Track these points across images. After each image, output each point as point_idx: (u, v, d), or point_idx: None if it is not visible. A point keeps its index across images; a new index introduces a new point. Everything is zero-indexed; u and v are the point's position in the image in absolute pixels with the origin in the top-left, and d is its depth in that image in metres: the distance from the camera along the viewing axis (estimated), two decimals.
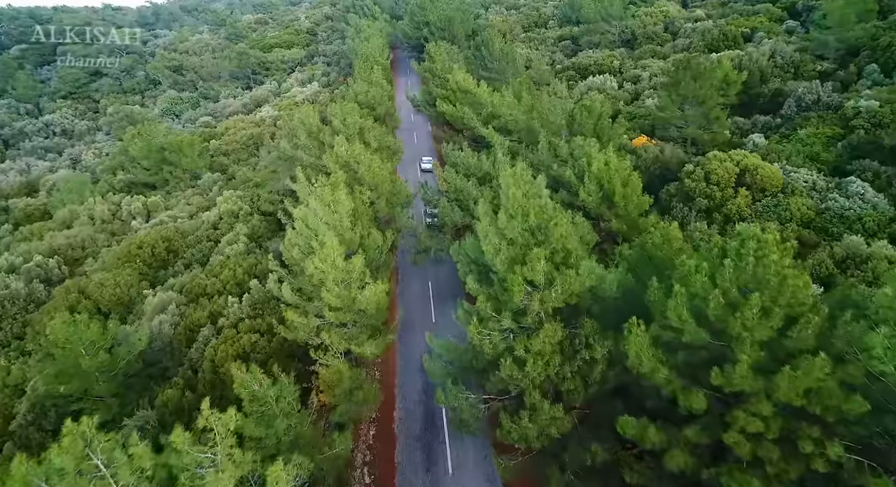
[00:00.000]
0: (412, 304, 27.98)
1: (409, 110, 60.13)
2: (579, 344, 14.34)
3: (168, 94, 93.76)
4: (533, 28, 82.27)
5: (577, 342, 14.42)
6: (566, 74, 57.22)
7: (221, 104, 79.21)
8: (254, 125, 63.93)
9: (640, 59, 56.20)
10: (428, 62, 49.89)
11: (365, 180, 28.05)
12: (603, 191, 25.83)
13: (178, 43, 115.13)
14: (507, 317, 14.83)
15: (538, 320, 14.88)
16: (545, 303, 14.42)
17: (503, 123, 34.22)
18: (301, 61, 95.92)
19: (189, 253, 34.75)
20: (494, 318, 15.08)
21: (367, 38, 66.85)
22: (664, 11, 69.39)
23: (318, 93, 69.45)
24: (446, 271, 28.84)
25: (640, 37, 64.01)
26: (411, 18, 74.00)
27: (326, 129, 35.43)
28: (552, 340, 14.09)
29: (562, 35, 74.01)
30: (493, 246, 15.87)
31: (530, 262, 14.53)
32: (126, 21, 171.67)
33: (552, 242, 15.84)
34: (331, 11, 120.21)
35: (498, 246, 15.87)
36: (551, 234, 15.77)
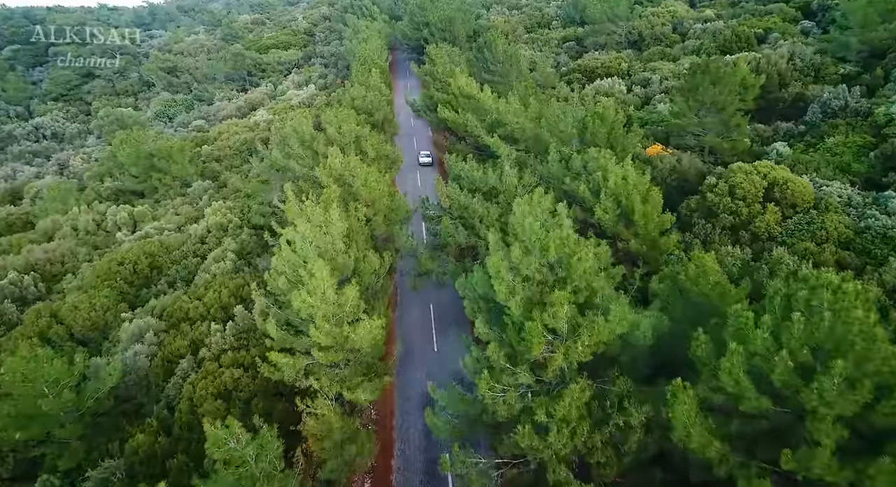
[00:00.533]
0: (412, 330, 25.74)
1: (409, 114, 57.91)
2: (610, 407, 12.10)
3: (162, 97, 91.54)
4: (536, 29, 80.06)
5: (608, 403, 12.18)
6: (572, 77, 54.98)
7: (215, 107, 76.96)
8: (247, 130, 61.67)
9: (650, 62, 53.97)
10: (428, 65, 47.67)
11: (361, 195, 25.82)
12: (620, 208, 23.60)
13: (172, 44, 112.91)
14: (524, 371, 12.60)
15: (560, 375, 12.62)
16: (570, 357, 12.18)
17: (509, 131, 31.98)
18: (298, 63, 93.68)
19: (174, 270, 32.49)
20: (509, 371, 12.84)
21: (364, 39, 64.63)
22: (672, 11, 67.19)
23: (314, 95, 67.20)
24: (449, 293, 26.56)
25: (648, 38, 61.80)
26: (411, 19, 71.76)
27: (320, 137, 33.19)
28: (579, 402, 11.86)
29: (566, 36, 71.79)
30: (507, 286, 13.63)
31: (551, 307, 12.30)
32: (122, 21, 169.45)
33: (575, 279, 13.61)
34: (329, 12, 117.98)
35: (512, 286, 13.63)
36: (574, 270, 13.53)
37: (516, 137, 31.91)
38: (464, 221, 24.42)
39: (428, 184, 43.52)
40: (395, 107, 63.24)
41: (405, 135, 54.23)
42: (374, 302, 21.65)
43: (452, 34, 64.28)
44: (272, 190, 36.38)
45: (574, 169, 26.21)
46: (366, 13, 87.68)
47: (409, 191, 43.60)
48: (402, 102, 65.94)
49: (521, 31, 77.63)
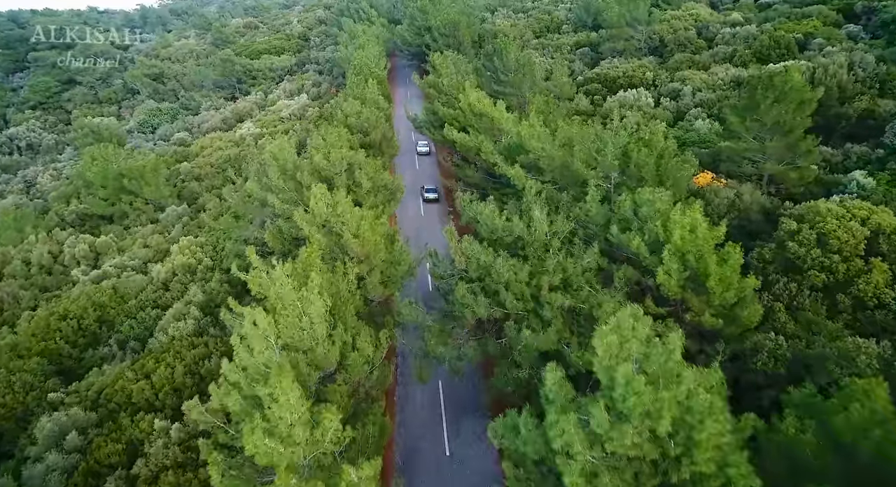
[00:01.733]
0: (414, 424, 20.14)
1: (410, 127, 52.48)
2: None
3: (146, 105, 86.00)
4: (545, 33, 74.66)
5: None
6: (591, 87, 49.53)
7: (200, 118, 71.44)
8: (232, 144, 56.18)
9: (677, 70, 48.55)
10: (432, 76, 42.17)
11: (352, 247, 20.27)
12: (688, 269, 18.08)
13: (160, 49, 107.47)
14: None
15: None
16: None
17: (532, 160, 26.45)
18: (291, 69, 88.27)
19: (127, 326, 26.88)
20: None
21: (361, 45, 59.17)
22: (694, 14, 61.88)
23: (306, 106, 61.72)
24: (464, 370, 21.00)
25: (671, 43, 56.42)
26: (411, 23, 66.37)
27: (305, 166, 27.65)
28: None
29: (578, 41, 66.41)
30: (581, 470, 8.06)
31: None
32: (112, 25, 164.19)
33: (697, 462, 8.05)
34: (325, 15, 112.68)
35: (591, 469, 8.06)
36: (698, 448, 7.98)
37: (541, 166, 26.39)
38: (484, 286, 18.85)
39: (433, 218, 38.06)
40: (395, 117, 57.85)
41: (406, 151, 48.76)
42: (367, 406, 16.06)
43: (457, 40, 58.89)
44: (249, 226, 30.85)
45: (622, 213, 20.68)
46: (363, 17, 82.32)
47: (412, 215, 38.39)
48: (402, 113, 60.51)
49: (529, 36, 72.26)
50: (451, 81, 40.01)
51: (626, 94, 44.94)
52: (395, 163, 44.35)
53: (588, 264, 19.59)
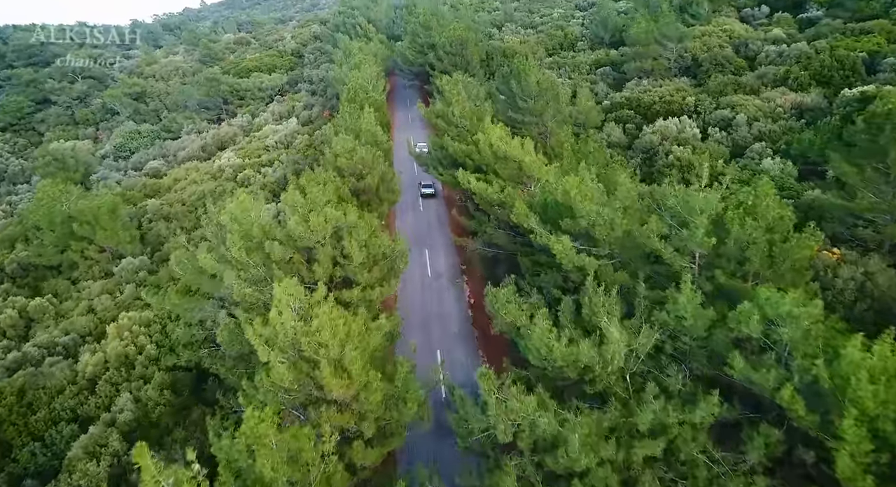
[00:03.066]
0: None
1: (412, 159, 45.76)
2: None
3: (125, 127, 79.33)
4: (558, 51, 68.42)
5: None
6: (621, 114, 42.84)
7: (179, 143, 64.60)
8: (209, 177, 49.28)
9: (721, 94, 41.88)
10: (439, 103, 35.29)
11: (331, 390, 13.10)
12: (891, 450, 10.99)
13: (144, 66, 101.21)
14: None
15: None
16: None
17: (584, 227, 19.41)
18: (282, 88, 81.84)
19: (27, 452, 19.58)
20: None
21: (357, 64, 52.63)
22: (728, 30, 55.57)
23: (295, 133, 54.96)
24: None
25: (706, 63, 49.94)
26: (413, 40, 59.95)
27: (277, 233, 20.65)
28: None
29: (598, 60, 60.03)
30: None
31: None
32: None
33: None
34: (320, 30, 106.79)
35: None
36: None
37: (595, 236, 19.35)
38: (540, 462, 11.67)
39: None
40: (394, 143, 51.10)
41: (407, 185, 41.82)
42: None
43: (464, 59, 52.38)
44: (207, 303, 23.70)
45: (741, 326, 13.60)
46: (359, 33, 76.06)
47: (419, 271, 31.22)
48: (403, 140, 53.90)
49: (541, 54, 65.97)
50: (462, 110, 33.18)
51: (666, 124, 38.19)
52: (393, 209, 37.40)
53: (702, 419, 12.50)
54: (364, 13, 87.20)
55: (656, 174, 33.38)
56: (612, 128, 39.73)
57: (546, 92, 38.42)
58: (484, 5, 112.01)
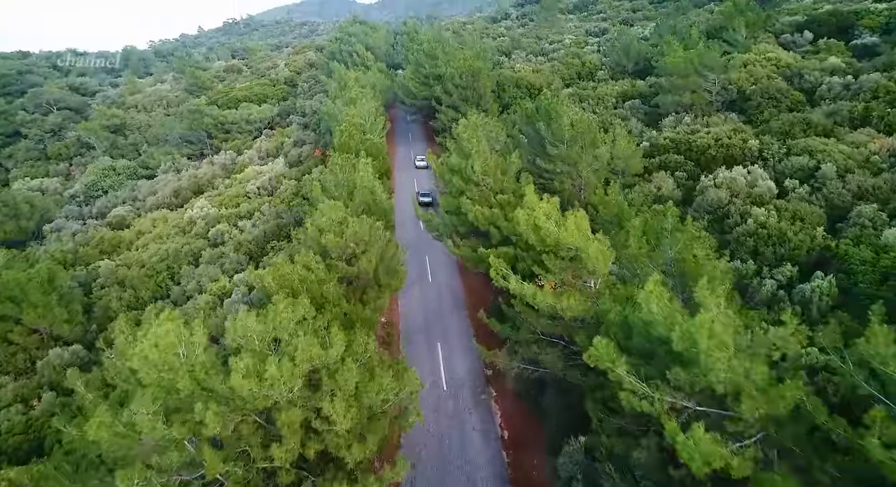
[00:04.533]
0: None
1: (414, 209, 38.63)
2: None
3: (99, 163, 72.11)
4: (576, 80, 61.93)
5: None
6: (667, 159, 35.74)
7: (152, 185, 57.34)
8: (178, 231, 41.84)
9: (789, 137, 34.85)
10: (455, 156, 27.78)
11: None
12: None
13: (127, 95, 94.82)
14: None
15: None
16: None
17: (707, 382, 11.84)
18: (272, 120, 75.09)
19: None
20: None
21: (353, 99, 45.78)
22: (774, 59, 49.01)
23: (280, 176, 47.77)
24: None
25: (756, 96, 43.13)
26: (416, 71, 53.30)
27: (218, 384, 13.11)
28: None
29: (624, 92, 53.36)
30: None
31: None
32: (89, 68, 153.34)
33: None
34: (316, 58, 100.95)
35: None
36: None
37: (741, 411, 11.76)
38: None
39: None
40: (395, 183, 44.16)
41: (412, 249, 34.50)
42: None
43: (476, 92, 45.54)
44: None
45: None
46: (356, 61, 69.63)
47: (429, 378, 22.59)
48: (404, 181, 46.97)
49: (558, 85, 59.41)
50: (486, 166, 25.87)
51: (731, 175, 30.97)
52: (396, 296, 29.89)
53: None
54: (362, 40, 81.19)
55: (733, 245, 26.00)
56: (662, 179, 32.52)
57: (582, 135, 31.41)
58: (488, 31, 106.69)
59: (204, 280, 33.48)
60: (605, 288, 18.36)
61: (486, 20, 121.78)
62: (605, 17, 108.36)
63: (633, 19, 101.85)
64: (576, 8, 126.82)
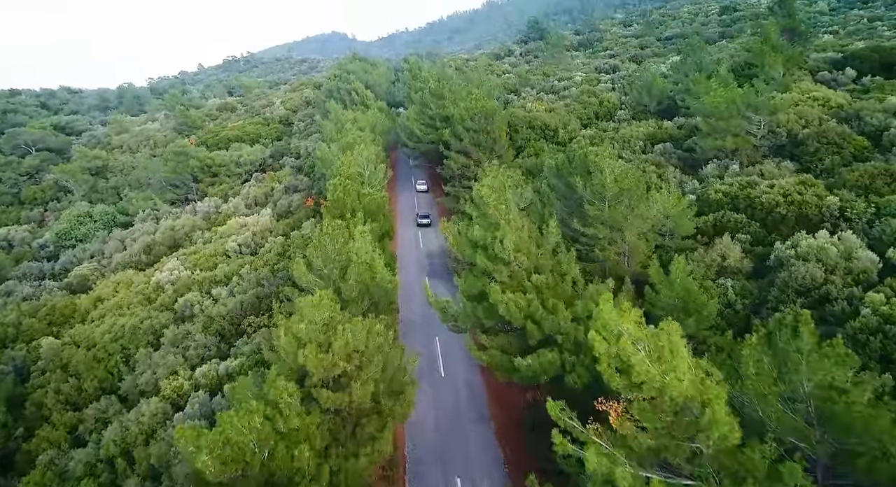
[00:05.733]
0: None
1: (418, 279, 32.68)
2: None
3: (76, 208, 66.19)
4: (594, 121, 56.87)
5: None
6: (724, 220, 29.78)
7: (126, 235, 51.27)
8: (141, 299, 35.47)
9: (871, 191, 29.03)
10: (476, 225, 21.49)
11: None
12: None
13: (113, 134, 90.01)
14: None
15: None
16: None
17: None
18: (264, 163, 69.75)
19: None
20: None
21: (349, 144, 40.24)
22: (822, 98, 43.87)
23: (265, 231, 41.78)
24: None
25: (811, 141, 37.62)
26: (421, 112, 48.08)
27: None
28: None
29: (652, 134, 48.06)
30: None
31: None
32: (84, 105, 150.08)
33: None
34: (313, 95, 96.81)
35: None
36: None
37: None
38: None
39: None
40: (397, 241, 38.46)
41: (416, 330, 28.21)
42: None
43: (490, 136, 40.02)
44: None
45: None
46: (355, 100, 64.77)
47: None
48: (406, 237, 41.16)
49: (575, 125, 54.25)
50: (520, 243, 19.75)
51: (815, 242, 24.92)
52: None
53: None
54: (361, 77, 76.77)
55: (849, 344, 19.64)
56: (727, 246, 26.41)
57: (629, 193, 25.58)
58: (492, 68, 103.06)
59: (161, 370, 26.93)
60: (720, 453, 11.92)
61: (490, 57, 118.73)
62: (612, 54, 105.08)
63: (642, 56, 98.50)
64: (581, 45, 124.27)
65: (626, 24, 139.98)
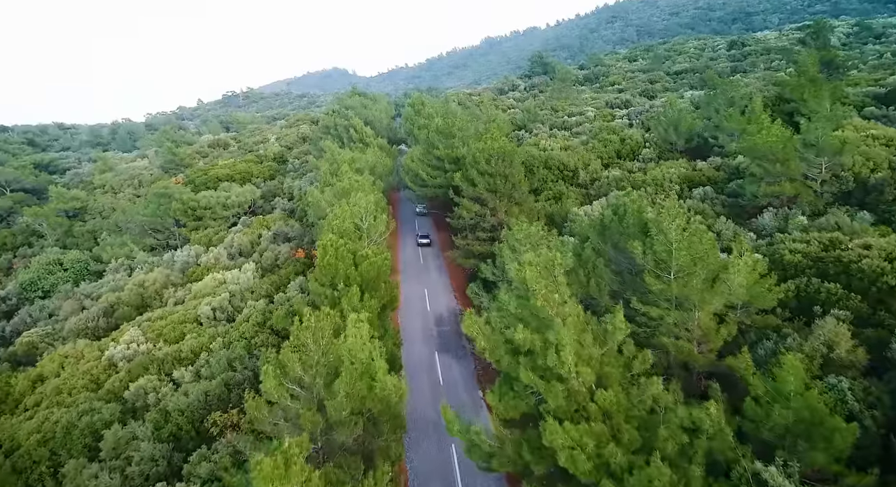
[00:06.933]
0: None
1: (424, 334, 26.61)
2: None
3: (47, 255, 60.11)
4: (615, 160, 51.64)
5: None
6: (809, 288, 23.78)
7: (92, 290, 45.14)
8: (88, 381, 29.01)
9: None
10: (521, 331, 15.24)
11: None
12: None
13: (97, 173, 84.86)
14: None
15: None
16: None
17: None
18: (254, 204, 64.22)
19: None
20: None
21: (345, 190, 34.62)
22: (883, 137, 38.57)
23: (246, 292, 35.66)
24: None
25: (888, 188, 32.04)
26: (427, 152, 42.70)
27: None
28: None
29: (688, 177, 42.63)
30: None
31: None
32: (75, 142, 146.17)
33: None
34: (309, 131, 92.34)
35: None
36: None
37: None
38: None
39: None
40: (400, 301, 32.35)
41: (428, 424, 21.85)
42: None
43: (508, 181, 34.37)
44: None
45: None
46: (353, 137, 59.70)
47: None
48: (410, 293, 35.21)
49: (596, 166, 48.95)
50: (586, 346, 13.63)
51: None
52: None
53: None
54: (360, 113, 72.14)
55: None
56: (836, 331, 20.25)
57: (703, 262, 19.75)
58: (496, 102, 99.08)
59: None
60: None
61: (493, 91, 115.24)
62: (621, 89, 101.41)
63: (653, 91, 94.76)
64: (586, 79, 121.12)
65: (631, 59, 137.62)
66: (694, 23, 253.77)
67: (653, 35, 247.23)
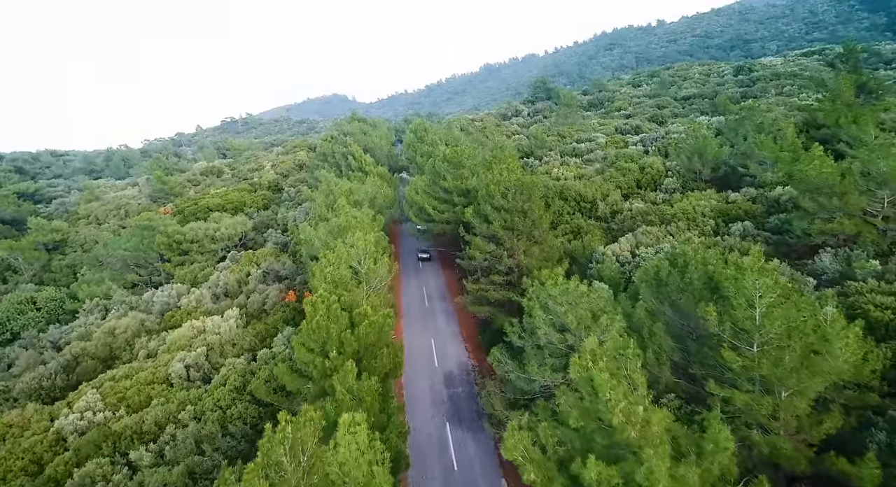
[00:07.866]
0: None
1: (432, 398, 21.80)
2: None
3: (20, 292, 55.50)
4: (636, 190, 47.60)
5: None
6: None
7: (59, 337, 40.36)
8: (27, 463, 24.09)
9: None
10: (592, 461, 10.91)
11: None
12: None
13: (83, 203, 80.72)
14: None
15: None
16: None
17: None
18: (245, 236, 59.90)
19: None
20: None
21: (342, 227, 30.30)
22: None
23: (227, 345, 30.96)
24: None
25: None
26: (433, 183, 38.53)
27: None
28: None
29: (723, 210, 38.46)
30: None
31: None
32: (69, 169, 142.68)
33: None
34: (306, 158, 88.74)
35: None
36: None
37: None
38: None
39: None
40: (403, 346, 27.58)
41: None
42: None
43: (528, 218, 30.07)
44: None
45: None
46: (352, 165, 55.72)
47: None
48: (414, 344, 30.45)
49: (615, 197, 44.87)
50: None
51: None
52: None
53: None
54: (359, 139, 68.50)
55: None
56: None
57: (798, 331, 15.38)
58: (500, 128, 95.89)
59: None
60: None
61: (496, 117, 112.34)
62: (628, 115, 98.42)
63: (661, 116, 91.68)
64: (591, 105, 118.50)
65: (635, 84, 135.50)
66: (692, 50, 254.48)
67: (651, 62, 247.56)
